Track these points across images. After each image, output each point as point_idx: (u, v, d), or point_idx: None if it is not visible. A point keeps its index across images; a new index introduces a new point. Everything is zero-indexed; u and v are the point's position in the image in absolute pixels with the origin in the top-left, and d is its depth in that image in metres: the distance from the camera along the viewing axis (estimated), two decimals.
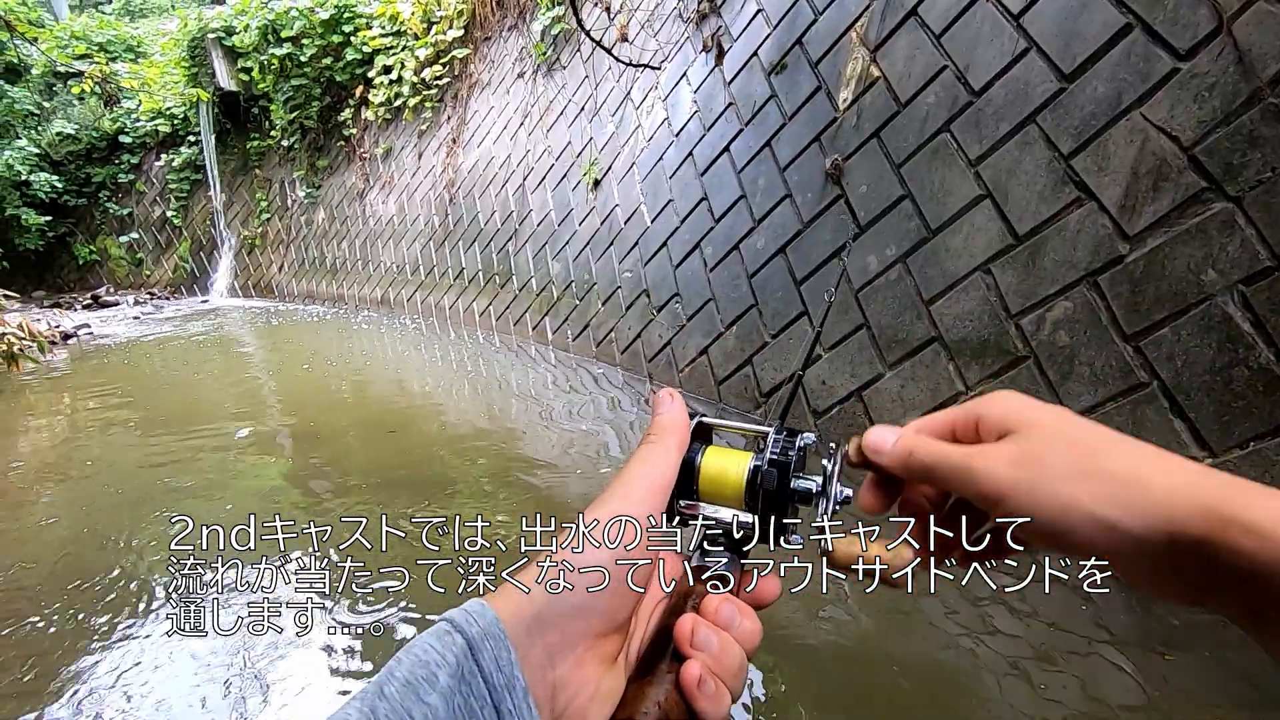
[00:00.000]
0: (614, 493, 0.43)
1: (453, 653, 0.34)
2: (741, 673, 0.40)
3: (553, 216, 5.92)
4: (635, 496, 0.43)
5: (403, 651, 0.34)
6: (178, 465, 3.47)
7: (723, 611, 0.42)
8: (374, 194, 9.06)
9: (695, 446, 0.48)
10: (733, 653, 0.40)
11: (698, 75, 4.50)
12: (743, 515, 0.47)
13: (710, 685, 0.38)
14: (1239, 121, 2.02)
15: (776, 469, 0.45)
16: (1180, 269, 2.11)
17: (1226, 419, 1.99)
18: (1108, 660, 1.75)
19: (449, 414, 4.34)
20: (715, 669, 0.39)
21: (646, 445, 0.46)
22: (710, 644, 0.39)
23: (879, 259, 3.10)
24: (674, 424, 0.47)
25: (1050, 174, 2.50)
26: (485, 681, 0.34)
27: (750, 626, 0.42)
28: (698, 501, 0.48)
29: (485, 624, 0.36)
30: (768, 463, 0.45)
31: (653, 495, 0.43)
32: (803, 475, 0.46)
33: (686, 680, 0.38)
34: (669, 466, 0.45)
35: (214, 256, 12.06)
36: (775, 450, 0.46)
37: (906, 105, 3.07)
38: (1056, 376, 2.41)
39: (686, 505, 0.48)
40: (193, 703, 1.73)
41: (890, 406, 3.00)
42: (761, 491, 0.45)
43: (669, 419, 0.47)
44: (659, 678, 0.39)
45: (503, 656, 0.35)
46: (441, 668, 0.33)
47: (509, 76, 6.95)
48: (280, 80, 9.60)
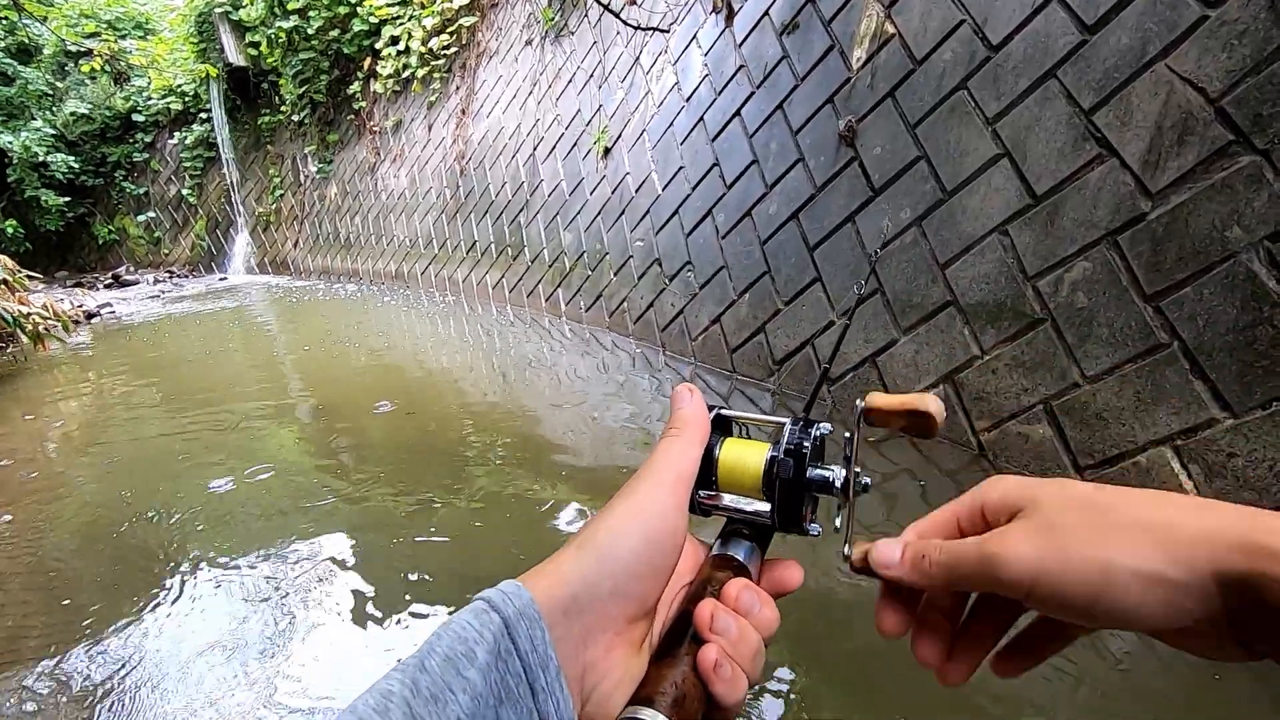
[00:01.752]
0: (640, 483, 0.44)
1: (490, 630, 0.35)
2: (758, 658, 0.41)
3: (564, 186, 5.87)
4: (663, 486, 0.43)
5: (442, 628, 0.35)
6: (201, 441, 3.54)
7: (742, 598, 0.42)
8: (385, 167, 9.03)
9: (714, 438, 0.49)
10: (750, 639, 0.41)
11: (708, 37, 4.40)
12: (761, 504, 0.48)
13: (727, 669, 0.39)
14: (1270, 70, 1.94)
15: (792, 458, 0.45)
16: (1204, 226, 2.05)
17: (1248, 379, 1.95)
18: None
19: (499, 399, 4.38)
20: (733, 653, 0.40)
21: (668, 439, 0.46)
22: (729, 629, 0.40)
23: (894, 222, 3.05)
24: (694, 417, 0.48)
25: (1070, 130, 2.42)
26: (521, 659, 0.35)
27: (769, 614, 0.43)
28: (717, 492, 0.49)
29: (521, 604, 0.36)
30: (784, 452, 0.46)
31: (679, 485, 0.44)
32: (820, 464, 0.47)
33: (704, 663, 0.39)
34: (691, 459, 0.46)
35: (230, 234, 12.16)
36: (791, 440, 0.46)
37: (922, 63, 2.98)
38: (1074, 339, 2.37)
39: (707, 496, 0.49)
40: (228, 648, 1.79)
41: (904, 372, 2.97)
42: (778, 481, 0.46)
43: (689, 412, 0.48)
44: (678, 660, 0.40)
45: (537, 636, 0.36)
46: (479, 644, 0.35)
47: (517, 44, 6.85)
48: (288, 54, 9.55)
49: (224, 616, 2.00)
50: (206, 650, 1.85)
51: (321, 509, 2.62)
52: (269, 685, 1.71)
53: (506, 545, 2.30)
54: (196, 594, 2.11)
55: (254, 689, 1.70)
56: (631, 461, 2.88)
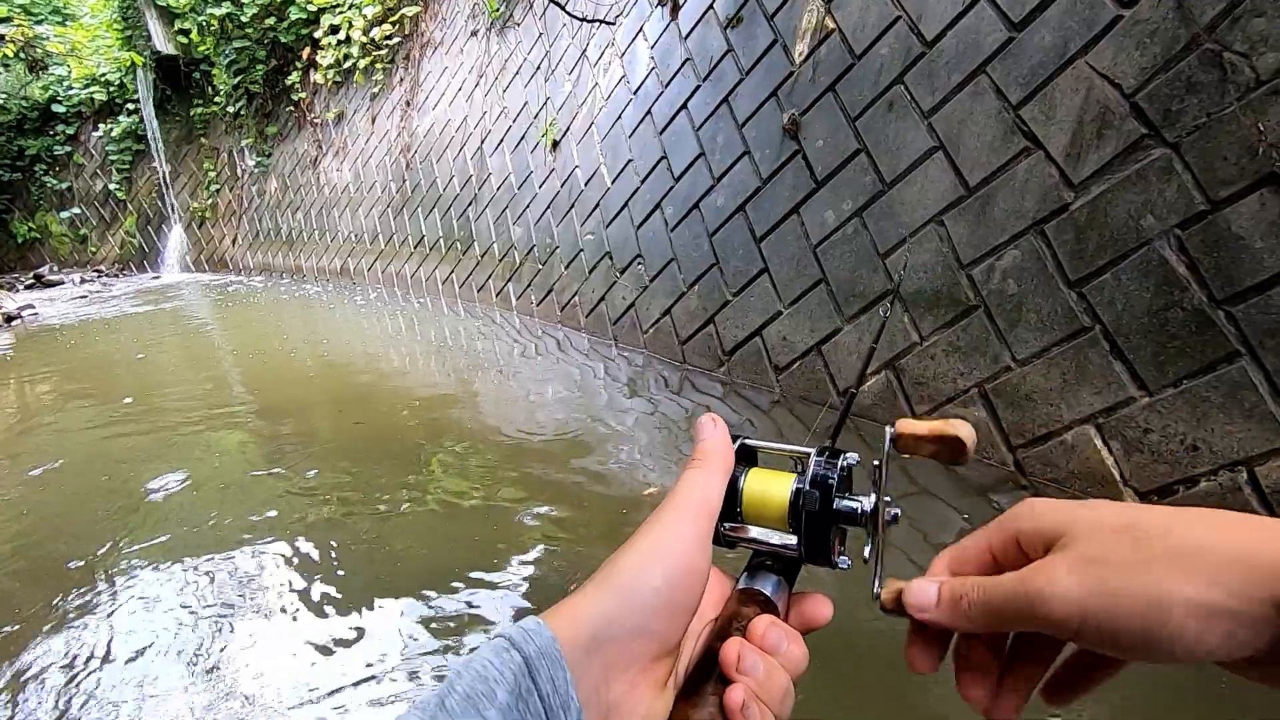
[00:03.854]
0: (665, 516, 0.43)
1: (511, 670, 0.35)
2: (787, 698, 0.40)
3: (512, 180, 5.81)
4: (687, 520, 0.42)
5: (462, 665, 0.35)
6: (136, 447, 3.39)
7: (769, 636, 0.41)
8: (327, 161, 8.77)
9: (738, 469, 0.47)
10: (778, 678, 0.39)
11: (654, 30, 4.41)
12: (788, 537, 0.46)
13: (754, 710, 0.38)
14: (1178, 68, 2.06)
15: (819, 490, 0.44)
16: (1121, 215, 2.17)
17: (1162, 359, 2.07)
18: None
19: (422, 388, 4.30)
20: (760, 694, 0.38)
21: (692, 470, 0.45)
22: (756, 669, 0.39)
23: (836, 214, 3.12)
24: (718, 448, 0.46)
25: (1000, 124, 2.52)
26: (541, 700, 0.34)
27: (797, 652, 0.41)
28: (742, 524, 0.48)
29: (542, 643, 0.36)
30: (809, 483, 0.44)
31: (701, 519, 0.43)
32: (847, 495, 0.45)
33: (730, 705, 0.38)
34: (715, 490, 0.45)
35: (163, 231, 11.63)
36: (818, 471, 0.45)
37: (861, 57, 3.05)
38: (1005, 324, 2.48)
39: (731, 528, 0.48)
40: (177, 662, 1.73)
41: (848, 360, 3.05)
42: (804, 513, 0.44)
43: (713, 444, 0.46)
44: (703, 700, 0.39)
45: (559, 676, 0.35)
46: (500, 684, 0.34)
47: (461, 35, 6.73)
48: (221, 42, 9.17)
49: (164, 623, 1.93)
50: (143, 658, 1.79)
51: (264, 513, 2.55)
52: (212, 690, 1.66)
53: (458, 540, 2.28)
54: (128, 602, 2.03)
55: (195, 694, 1.65)
56: (583, 450, 2.89)
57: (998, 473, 2.47)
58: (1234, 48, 1.94)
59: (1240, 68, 1.93)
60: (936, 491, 2.40)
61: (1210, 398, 1.97)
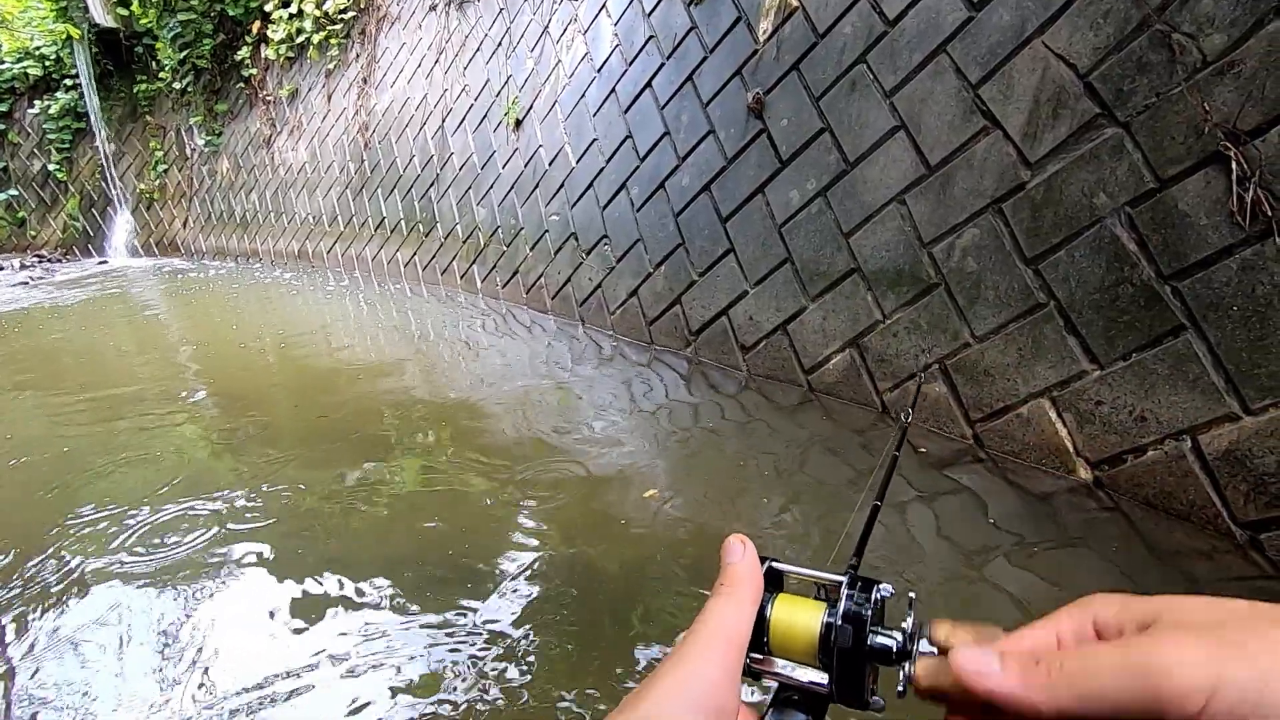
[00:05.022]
0: (691, 650, 0.40)
1: None
2: None
3: (475, 160, 5.70)
4: (715, 654, 0.40)
5: None
6: (87, 439, 3.28)
7: None
8: (282, 140, 8.49)
9: (765, 595, 0.45)
10: None
11: (617, 7, 4.34)
12: (816, 673, 0.43)
13: None
14: (1130, 48, 2.10)
15: (851, 624, 0.41)
16: (1075, 193, 2.22)
17: (1112, 333, 2.14)
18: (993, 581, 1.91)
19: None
20: None
21: (720, 598, 0.43)
22: None
23: (800, 193, 3.13)
24: (747, 574, 0.44)
25: (960, 103, 2.55)
26: None
27: None
28: (769, 656, 0.45)
29: None
30: (842, 617, 0.42)
31: (730, 654, 0.41)
32: (880, 630, 0.42)
33: None
34: (744, 620, 0.42)
35: (109, 213, 11.15)
36: (850, 604, 0.42)
37: (824, 36, 3.05)
38: (965, 301, 2.53)
39: (757, 660, 0.45)
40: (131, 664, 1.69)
41: (813, 338, 3.09)
42: (836, 650, 0.41)
43: (742, 569, 0.44)
44: None
45: None
46: None
47: (419, 10, 6.54)
48: (165, 15, 8.76)
49: (128, 622, 1.88)
50: (112, 655, 1.74)
51: (226, 506, 2.49)
52: (181, 683, 1.62)
53: (428, 528, 2.26)
54: (87, 607, 1.97)
55: (165, 687, 1.61)
56: (544, 431, 2.87)
57: (957, 446, 2.53)
58: (1182, 29, 1.99)
59: (1188, 48, 1.98)
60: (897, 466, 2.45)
61: (1157, 370, 2.04)
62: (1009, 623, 0.37)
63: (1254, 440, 1.86)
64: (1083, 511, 2.11)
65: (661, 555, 2.03)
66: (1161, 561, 1.89)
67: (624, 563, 2.01)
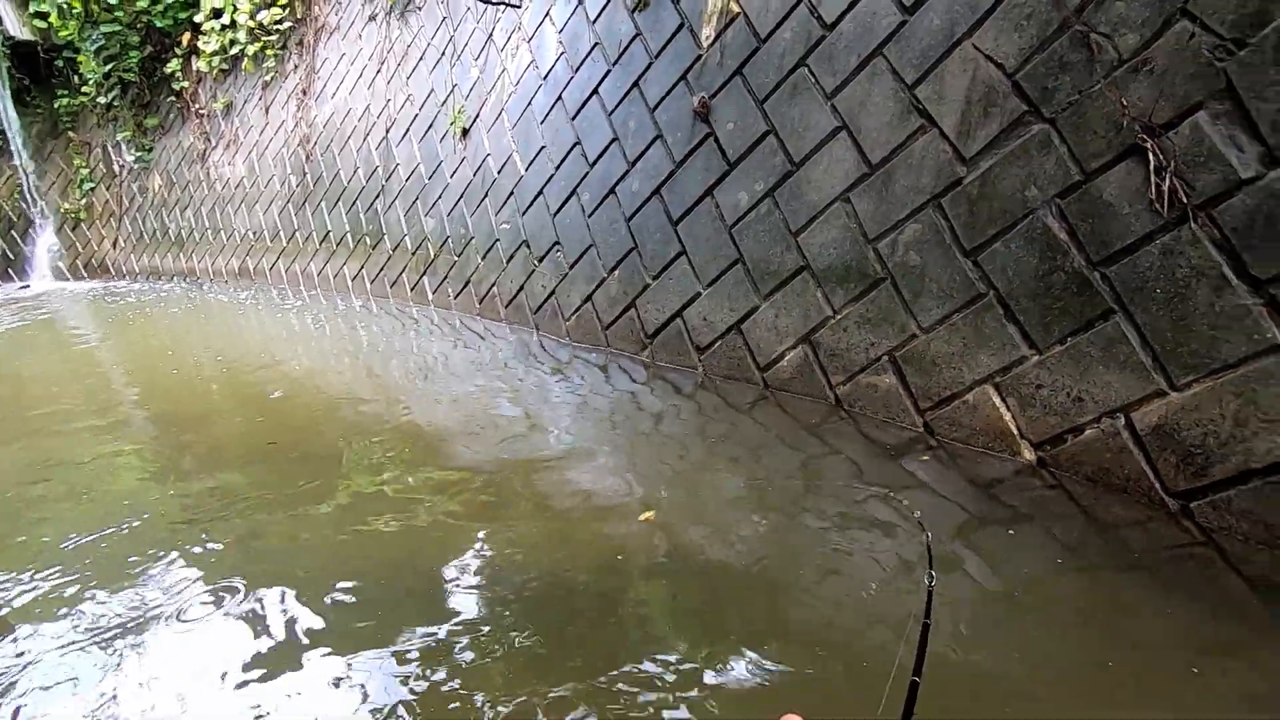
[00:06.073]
0: None
1: None
2: None
3: (421, 170, 5.62)
4: None
5: None
6: (21, 472, 3.09)
7: None
8: (218, 154, 8.21)
9: None
10: None
11: (561, 14, 4.35)
12: None
13: None
14: (1052, 48, 2.21)
15: None
16: (1008, 187, 2.32)
17: (1048, 320, 2.24)
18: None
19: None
20: None
21: None
22: None
23: (749, 195, 3.19)
24: None
25: (897, 104, 2.64)
26: None
27: None
28: None
29: None
30: None
31: None
32: None
33: None
34: None
35: (30, 235, 10.58)
36: None
37: (766, 41, 3.12)
38: (910, 295, 2.61)
39: None
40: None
41: (767, 336, 3.14)
42: None
43: None
44: None
45: None
46: None
47: (359, 20, 6.43)
48: (87, 26, 8.39)
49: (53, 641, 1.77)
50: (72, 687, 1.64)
51: (180, 535, 2.38)
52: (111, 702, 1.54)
53: (381, 548, 2.20)
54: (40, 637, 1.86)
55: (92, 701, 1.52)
56: (497, 442, 2.84)
57: (909, 434, 2.60)
58: (1099, 29, 2.10)
59: (1105, 47, 2.09)
60: (851, 454, 2.51)
61: (1090, 352, 2.15)
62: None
63: (1181, 414, 1.97)
64: (1028, 491, 2.20)
65: (631, 567, 2.03)
66: (1100, 533, 1.98)
67: (591, 573, 2.00)
